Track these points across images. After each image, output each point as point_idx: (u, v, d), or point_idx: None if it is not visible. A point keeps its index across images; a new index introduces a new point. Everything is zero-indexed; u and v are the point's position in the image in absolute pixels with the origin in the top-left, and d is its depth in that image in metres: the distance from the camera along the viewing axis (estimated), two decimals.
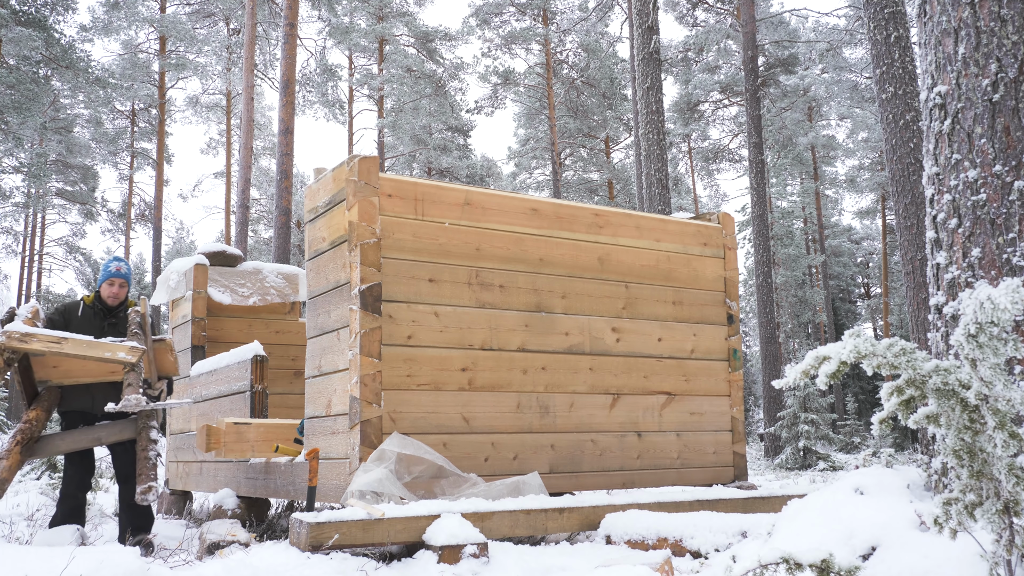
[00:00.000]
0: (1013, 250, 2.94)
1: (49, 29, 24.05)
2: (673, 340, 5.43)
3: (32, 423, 4.70)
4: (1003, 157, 3.00)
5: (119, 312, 5.20)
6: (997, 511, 2.07)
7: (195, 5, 32.08)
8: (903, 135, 7.50)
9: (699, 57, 31.45)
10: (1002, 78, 3.01)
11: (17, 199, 30.35)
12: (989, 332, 2.06)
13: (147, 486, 4.51)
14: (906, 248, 7.33)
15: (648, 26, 14.65)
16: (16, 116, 22.73)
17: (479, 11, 30.91)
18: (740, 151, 34.61)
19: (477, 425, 4.58)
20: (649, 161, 14.30)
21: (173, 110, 33.62)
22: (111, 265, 5.20)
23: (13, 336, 4.41)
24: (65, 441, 4.83)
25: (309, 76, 31.91)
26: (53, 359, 4.78)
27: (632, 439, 5.16)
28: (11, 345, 4.42)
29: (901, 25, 7.84)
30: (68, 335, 4.58)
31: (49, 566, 2.71)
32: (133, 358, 4.56)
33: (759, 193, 19.57)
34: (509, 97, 32.78)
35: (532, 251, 4.94)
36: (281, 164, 15.97)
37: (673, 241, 5.56)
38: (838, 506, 2.99)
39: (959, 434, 2.11)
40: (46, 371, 4.89)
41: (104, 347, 4.57)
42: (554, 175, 30.35)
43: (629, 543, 3.83)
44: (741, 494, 4.65)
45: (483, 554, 3.42)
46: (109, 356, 4.55)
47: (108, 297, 5.12)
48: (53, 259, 38.37)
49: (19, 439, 4.58)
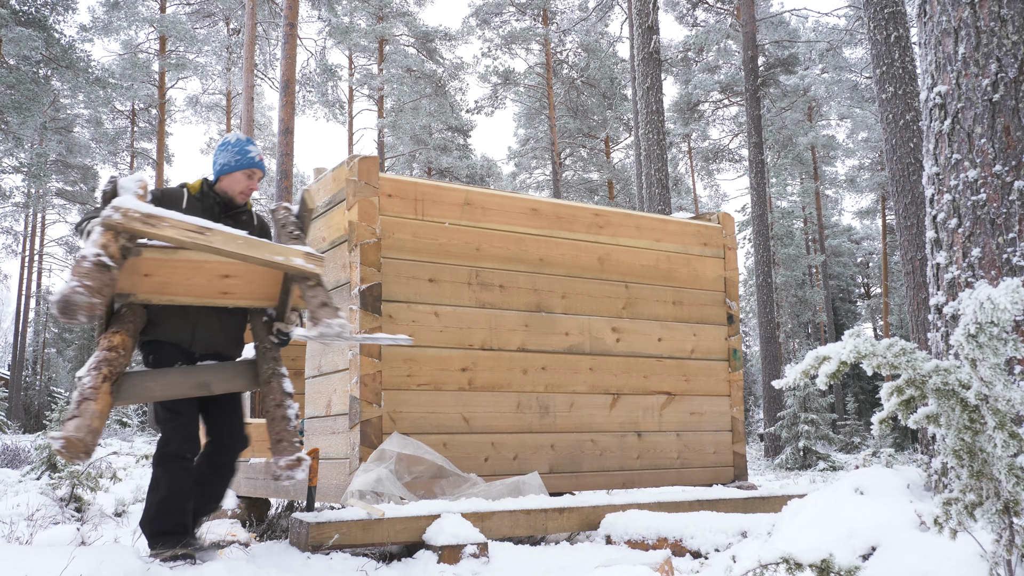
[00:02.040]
0: (1013, 250, 2.94)
1: (49, 29, 24.05)
2: (673, 340, 5.43)
3: (118, 351, 3.14)
4: (1003, 157, 3.00)
5: (241, 214, 3.71)
6: (997, 511, 2.07)
7: (195, 5, 32.08)
8: (903, 135, 7.50)
9: (699, 57, 31.45)
10: (1002, 78, 3.01)
11: (17, 199, 30.38)
12: (989, 332, 2.06)
13: (295, 458, 3.22)
14: (906, 248, 7.33)
15: (648, 26, 14.65)
16: (16, 116, 22.73)
17: (479, 11, 30.91)
18: (740, 151, 34.62)
19: (477, 425, 4.58)
20: (649, 161, 14.30)
21: (173, 110, 33.63)
22: (248, 149, 3.63)
23: (133, 216, 2.97)
24: (158, 384, 3.30)
25: (309, 76, 31.91)
26: (147, 263, 3.27)
27: (632, 439, 5.16)
28: (131, 227, 2.99)
29: (901, 25, 7.83)
30: (214, 224, 3.17)
31: (49, 566, 2.71)
32: (318, 268, 3.28)
33: (759, 193, 19.57)
34: (509, 97, 32.79)
35: (532, 251, 4.94)
36: (281, 164, 15.97)
37: (673, 241, 5.56)
38: (838, 506, 2.99)
39: (959, 434, 2.11)
40: (133, 280, 3.32)
41: (273, 248, 3.24)
42: (554, 175, 30.35)
43: (629, 543, 3.83)
44: (741, 494, 4.66)
45: (483, 554, 3.42)
46: (281, 261, 3.22)
47: (239, 192, 3.62)
48: (53, 259, 38.41)
49: (106, 373, 3.03)
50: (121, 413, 25.97)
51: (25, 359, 36.81)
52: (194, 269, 3.30)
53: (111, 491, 8.01)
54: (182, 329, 3.46)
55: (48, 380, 40.05)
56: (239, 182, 3.61)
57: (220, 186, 3.62)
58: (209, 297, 3.42)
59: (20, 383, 33.92)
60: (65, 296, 2.70)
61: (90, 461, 5.45)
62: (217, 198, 3.60)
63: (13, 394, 31.98)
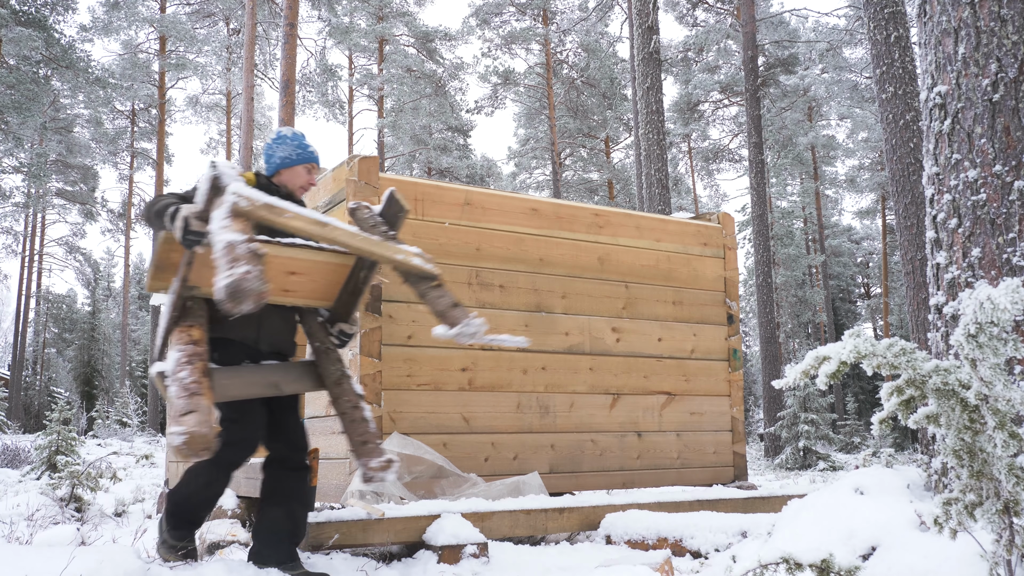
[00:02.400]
0: (1013, 250, 2.94)
1: (49, 29, 24.06)
2: (673, 340, 5.43)
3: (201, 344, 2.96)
4: (1003, 157, 3.00)
5: None
6: (997, 511, 2.07)
7: (195, 5, 32.08)
8: (903, 135, 7.50)
9: (699, 57, 31.45)
10: (1002, 78, 3.01)
11: (17, 199, 30.38)
12: (989, 332, 2.06)
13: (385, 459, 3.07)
14: (906, 248, 7.33)
15: (648, 26, 14.65)
16: (16, 116, 22.74)
17: (479, 11, 30.90)
18: (740, 151, 34.62)
19: (477, 425, 4.58)
20: (649, 161, 14.30)
21: (173, 110, 33.63)
22: (307, 143, 3.56)
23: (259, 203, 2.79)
24: (234, 382, 3.14)
25: (309, 76, 31.91)
26: None
27: (632, 439, 5.16)
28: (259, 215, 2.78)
29: (901, 25, 7.83)
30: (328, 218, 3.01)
31: (49, 566, 2.71)
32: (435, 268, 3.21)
33: (759, 193, 19.57)
34: (509, 97, 32.78)
35: (532, 251, 4.94)
36: None
37: (673, 241, 5.56)
38: (838, 506, 2.99)
39: (959, 434, 2.11)
40: (202, 272, 3.04)
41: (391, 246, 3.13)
42: (554, 175, 30.35)
43: (629, 543, 3.83)
44: (741, 494, 4.65)
45: (483, 554, 3.42)
46: (402, 259, 3.11)
47: (299, 186, 3.52)
48: (53, 259, 38.41)
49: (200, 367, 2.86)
50: (121, 413, 25.98)
51: (25, 359, 36.82)
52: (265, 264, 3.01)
53: (111, 491, 8.01)
54: (248, 327, 3.28)
55: (48, 380, 40.06)
56: (300, 176, 3.52)
57: (279, 180, 3.51)
58: (271, 294, 3.18)
59: (20, 383, 33.93)
60: (237, 281, 2.48)
61: (90, 462, 5.40)
62: (279, 192, 3.48)
63: (13, 394, 31.98)
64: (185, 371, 2.79)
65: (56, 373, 40.97)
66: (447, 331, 3.02)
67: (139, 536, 4.52)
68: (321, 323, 3.41)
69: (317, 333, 3.39)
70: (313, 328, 3.39)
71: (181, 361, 2.82)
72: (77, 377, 38.56)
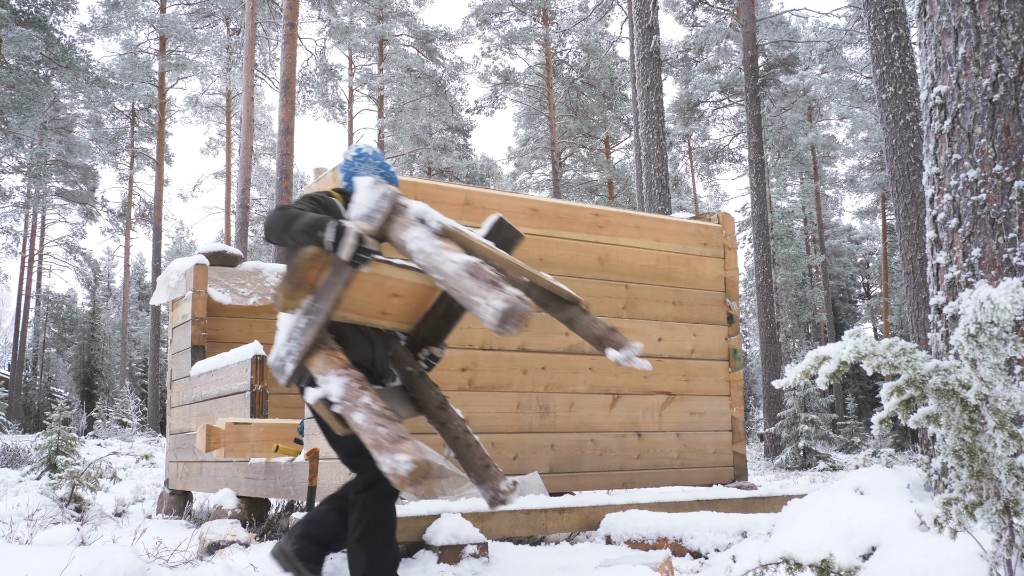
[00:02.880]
0: (1013, 250, 2.94)
1: (49, 29, 24.06)
2: (673, 340, 5.43)
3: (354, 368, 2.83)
4: (1003, 157, 3.00)
5: None
6: (997, 511, 2.07)
7: (195, 5, 32.08)
8: (903, 135, 7.50)
9: (699, 57, 31.45)
10: (1002, 78, 3.01)
11: (17, 199, 30.38)
12: (989, 332, 2.06)
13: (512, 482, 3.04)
14: (906, 248, 7.33)
15: (648, 26, 14.65)
16: (16, 116, 22.74)
17: (479, 11, 30.90)
18: (740, 151, 34.62)
19: (477, 425, 4.58)
20: (649, 161, 14.30)
21: (173, 110, 33.64)
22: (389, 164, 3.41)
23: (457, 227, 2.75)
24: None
25: (309, 76, 31.91)
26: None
27: (632, 439, 5.16)
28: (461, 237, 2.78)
29: (901, 25, 7.83)
30: (487, 241, 2.95)
31: (49, 566, 2.71)
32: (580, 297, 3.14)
33: (759, 193, 19.57)
34: (509, 97, 32.78)
35: (532, 251, 4.94)
36: (281, 164, 15.97)
37: (673, 241, 5.56)
38: (838, 506, 2.99)
39: (959, 434, 2.11)
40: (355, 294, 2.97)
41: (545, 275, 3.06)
42: (554, 175, 30.36)
43: (629, 543, 3.83)
44: (741, 494, 4.65)
45: (483, 554, 3.42)
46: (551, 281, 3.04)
47: None
48: (53, 259, 38.42)
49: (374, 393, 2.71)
50: (121, 413, 25.98)
51: (25, 359, 36.82)
52: (377, 286, 2.98)
53: (111, 491, 8.01)
54: (365, 348, 3.14)
55: (48, 380, 40.06)
56: None
57: None
58: (371, 316, 3.13)
59: (20, 383, 33.93)
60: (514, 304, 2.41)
61: (90, 462, 5.39)
62: None
63: (13, 394, 31.99)
64: (366, 396, 2.64)
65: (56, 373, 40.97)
66: (617, 354, 2.90)
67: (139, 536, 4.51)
68: (405, 347, 3.29)
69: (406, 357, 3.25)
70: (399, 352, 3.25)
71: (353, 387, 2.66)
72: (77, 377, 38.56)
